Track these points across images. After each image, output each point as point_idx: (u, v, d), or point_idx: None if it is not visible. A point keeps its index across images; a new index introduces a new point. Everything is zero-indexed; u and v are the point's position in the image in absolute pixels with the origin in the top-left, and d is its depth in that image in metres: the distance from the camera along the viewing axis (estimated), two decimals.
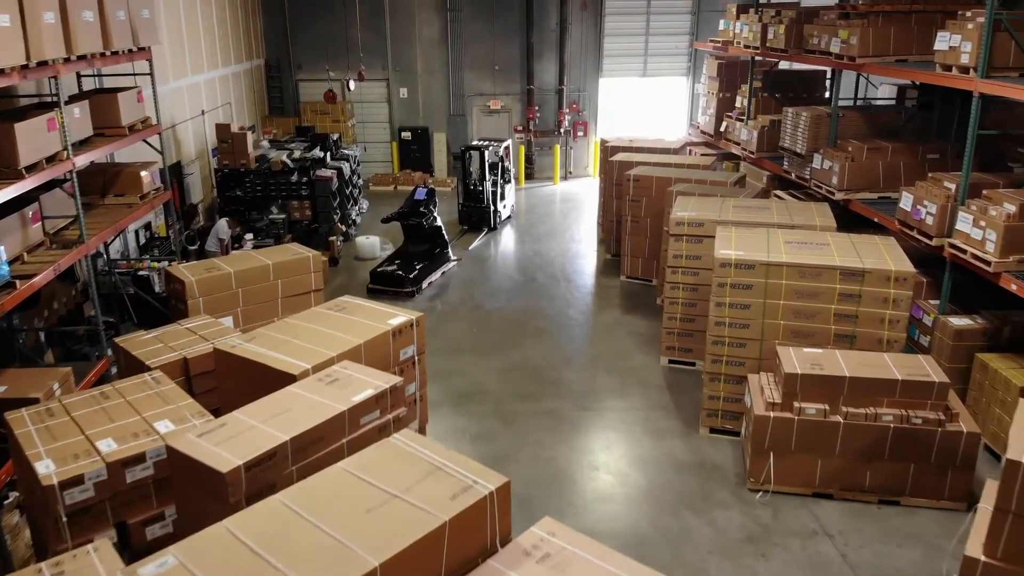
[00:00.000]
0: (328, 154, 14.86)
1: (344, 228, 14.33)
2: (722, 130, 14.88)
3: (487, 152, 15.28)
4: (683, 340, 9.47)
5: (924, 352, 8.40)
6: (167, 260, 10.34)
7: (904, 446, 6.67)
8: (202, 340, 5.92)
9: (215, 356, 5.35)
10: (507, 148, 16.08)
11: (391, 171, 19.78)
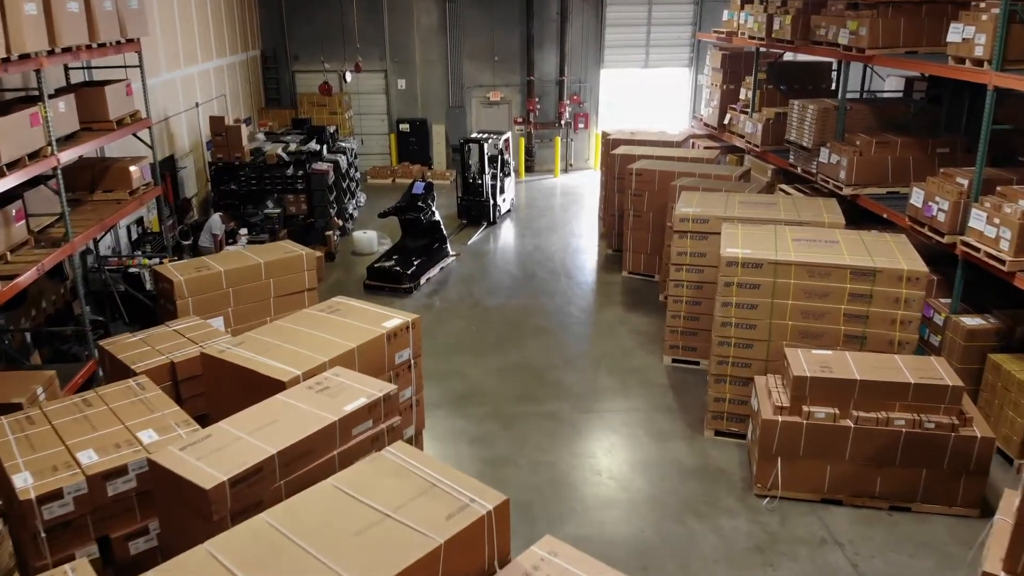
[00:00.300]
0: (325, 147, 14.63)
1: (340, 223, 14.10)
2: (726, 123, 14.68)
3: (486, 144, 15.06)
4: (687, 339, 9.27)
5: (934, 352, 8.21)
6: (159, 257, 10.11)
7: (916, 451, 6.48)
8: (190, 343, 5.73)
9: (202, 361, 5.15)
10: (507, 140, 15.84)
11: (389, 164, 19.54)
